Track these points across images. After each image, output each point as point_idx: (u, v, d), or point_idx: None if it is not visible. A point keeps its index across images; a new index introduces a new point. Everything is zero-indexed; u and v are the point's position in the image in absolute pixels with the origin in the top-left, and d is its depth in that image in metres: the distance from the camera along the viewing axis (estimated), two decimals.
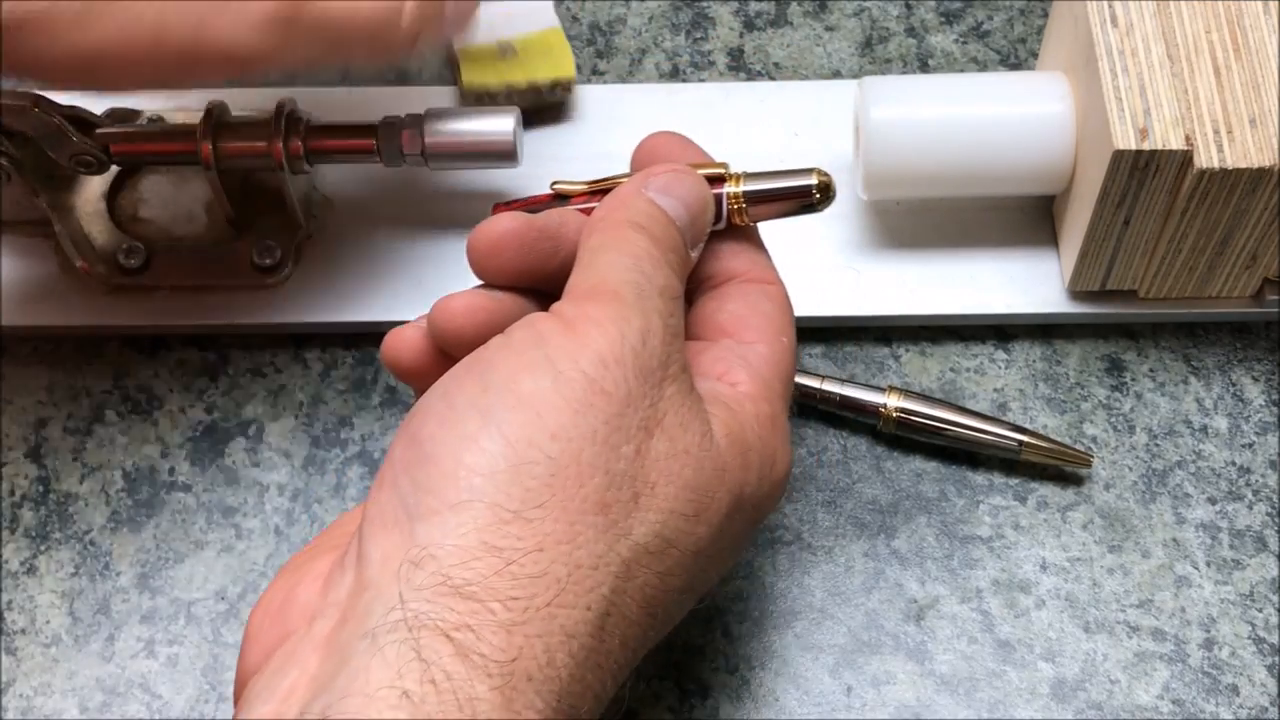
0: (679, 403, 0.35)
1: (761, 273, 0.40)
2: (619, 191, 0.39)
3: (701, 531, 0.35)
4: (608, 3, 0.57)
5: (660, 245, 0.37)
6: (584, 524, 0.33)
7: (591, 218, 0.38)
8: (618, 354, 0.34)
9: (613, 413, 0.33)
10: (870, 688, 0.45)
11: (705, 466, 0.35)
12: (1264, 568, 0.46)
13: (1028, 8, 0.57)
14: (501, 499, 0.32)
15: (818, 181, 0.40)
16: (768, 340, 0.39)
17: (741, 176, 0.40)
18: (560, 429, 0.33)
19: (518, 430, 0.33)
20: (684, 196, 0.38)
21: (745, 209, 0.40)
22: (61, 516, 0.48)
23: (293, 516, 0.48)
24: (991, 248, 0.51)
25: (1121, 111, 0.44)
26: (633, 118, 0.54)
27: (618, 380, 0.34)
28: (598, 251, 0.37)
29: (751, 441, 0.37)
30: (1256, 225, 0.45)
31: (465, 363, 0.35)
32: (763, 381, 0.38)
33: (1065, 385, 0.50)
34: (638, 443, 0.34)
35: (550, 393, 0.33)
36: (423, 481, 0.33)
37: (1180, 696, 0.45)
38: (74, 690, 0.45)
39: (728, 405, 0.37)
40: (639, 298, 0.35)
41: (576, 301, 0.35)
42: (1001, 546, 0.47)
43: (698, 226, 0.39)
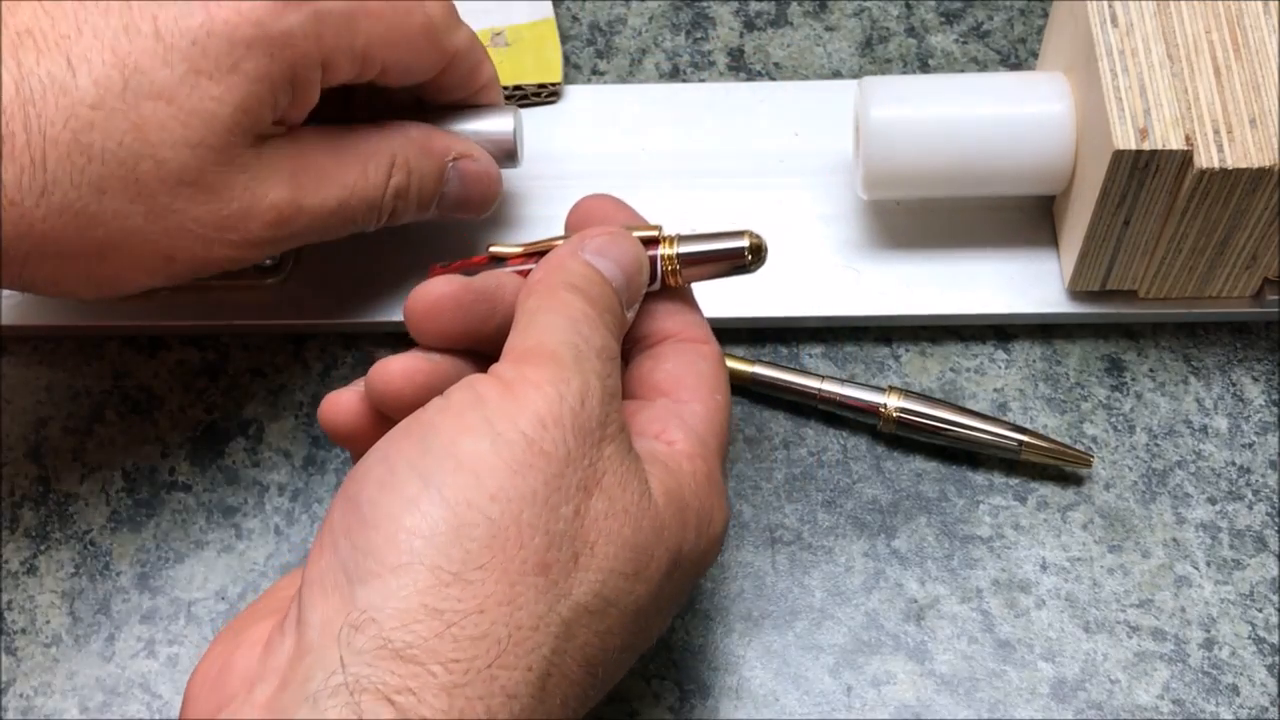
0: (617, 462, 0.35)
1: (695, 332, 0.41)
2: (555, 254, 0.39)
3: (641, 590, 0.35)
4: (608, 3, 0.57)
5: (596, 306, 0.37)
6: (524, 585, 0.33)
7: (528, 280, 0.39)
8: (556, 415, 0.34)
9: (552, 473, 0.34)
10: (870, 688, 0.45)
11: (644, 525, 0.35)
12: (1264, 568, 0.46)
13: (1028, 8, 0.57)
14: (442, 561, 0.32)
15: (749, 244, 0.40)
16: (702, 399, 0.39)
17: (675, 239, 0.41)
18: (500, 490, 0.33)
19: (457, 492, 0.33)
20: (619, 258, 0.39)
21: (679, 270, 0.40)
22: (61, 516, 0.48)
23: (293, 516, 0.48)
24: (991, 248, 0.51)
25: (1121, 111, 0.44)
26: (633, 118, 0.54)
27: (556, 441, 0.34)
28: (535, 313, 0.37)
29: (689, 499, 0.37)
30: (1256, 225, 0.45)
31: (404, 425, 0.35)
32: (699, 440, 0.39)
33: (1065, 385, 0.50)
34: (577, 503, 0.34)
35: (489, 454, 0.33)
36: (362, 545, 0.33)
37: (1180, 696, 0.45)
38: (74, 690, 0.45)
39: (665, 464, 0.37)
40: (577, 359, 0.35)
41: (515, 363, 0.35)
42: (1001, 546, 0.47)
43: (633, 288, 0.39)
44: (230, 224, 0.42)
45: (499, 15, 0.55)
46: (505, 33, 0.54)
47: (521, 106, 0.53)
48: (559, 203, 0.52)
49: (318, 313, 0.50)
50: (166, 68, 0.39)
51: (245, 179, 0.41)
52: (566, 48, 0.56)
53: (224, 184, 0.41)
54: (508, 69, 0.53)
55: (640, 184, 0.52)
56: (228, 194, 0.41)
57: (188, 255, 0.42)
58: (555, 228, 0.51)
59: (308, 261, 0.51)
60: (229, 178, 0.41)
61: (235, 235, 0.42)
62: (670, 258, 0.40)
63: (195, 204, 0.41)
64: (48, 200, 0.39)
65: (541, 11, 0.55)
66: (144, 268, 0.42)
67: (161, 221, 0.40)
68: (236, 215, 0.41)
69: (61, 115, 0.39)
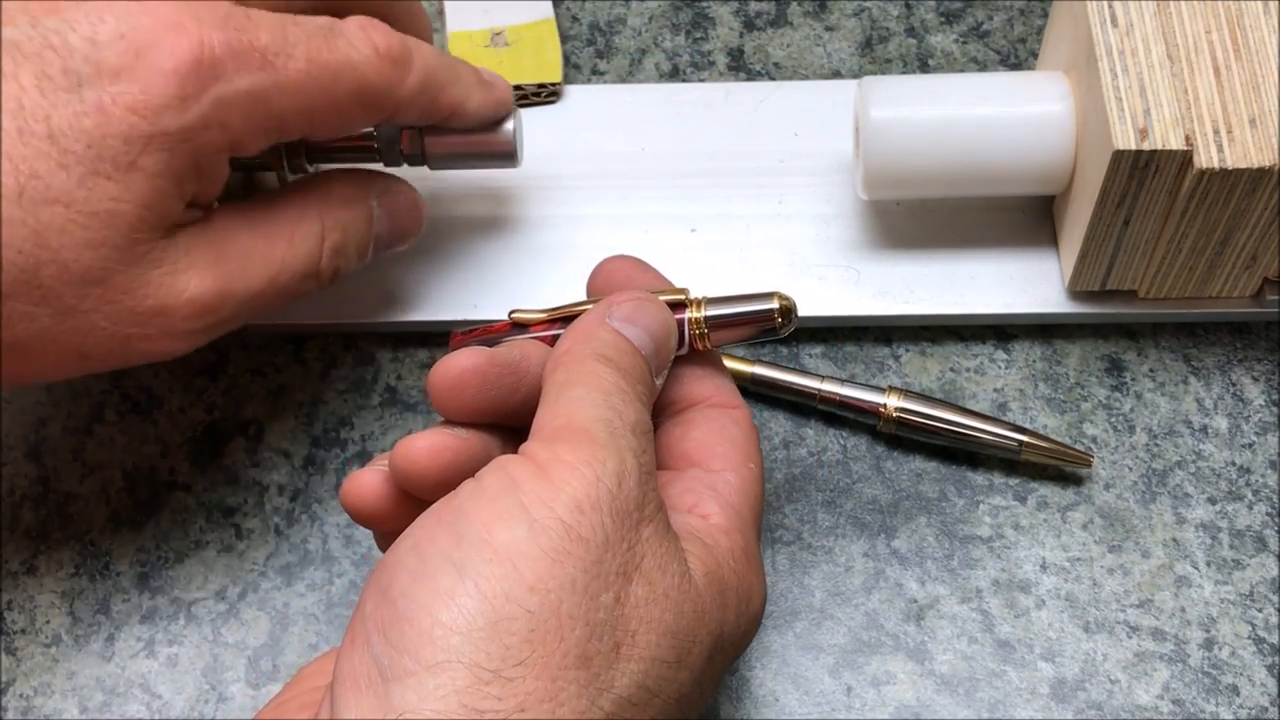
0: (656, 544, 0.34)
1: (726, 398, 0.40)
2: (582, 322, 0.38)
3: (684, 677, 0.34)
4: (608, 3, 0.57)
5: (628, 378, 0.36)
6: (566, 679, 0.31)
7: (555, 351, 0.37)
8: (593, 498, 0.33)
9: (591, 560, 0.32)
10: (870, 688, 0.45)
11: (685, 610, 0.34)
12: (1264, 568, 0.46)
13: (1028, 8, 0.57)
14: (480, 658, 0.31)
15: (779, 306, 0.39)
16: (735, 468, 0.38)
17: (703, 302, 0.39)
18: (538, 580, 0.32)
19: (494, 584, 0.32)
20: (649, 325, 0.38)
21: (707, 334, 0.39)
22: (61, 516, 0.48)
23: (293, 517, 0.48)
24: (991, 248, 0.51)
25: (1121, 111, 0.44)
26: (633, 118, 0.54)
27: (595, 526, 0.33)
28: (564, 387, 0.36)
29: (728, 578, 0.36)
30: (1256, 225, 0.45)
31: (435, 511, 0.34)
32: (734, 512, 0.37)
33: (1065, 385, 0.50)
34: (617, 589, 0.33)
35: (526, 542, 0.32)
36: (397, 640, 0.32)
37: (1180, 696, 0.45)
38: (74, 690, 0.45)
39: (702, 541, 0.36)
40: (611, 436, 0.34)
41: (547, 442, 0.34)
42: (1001, 546, 0.47)
43: (663, 355, 0.38)
44: (146, 320, 0.40)
45: (499, 15, 0.55)
46: (505, 33, 0.54)
47: (521, 106, 0.53)
48: (559, 203, 0.52)
49: (318, 313, 0.50)
50: (62, 171, 0.37)
51: (158, 274, 0.40)
52: (566, 48, 0.56)
53: (135, 282, 0.39)
54: (508, 69, 0.53)
55: (640, 184, 0.52)
56: (140, 291, 0.39)
57: (102, 352, 0.40)
58: (555, 228, 0.52)
59: None
60: (140, 275, 0.39)
61: (153, 330, 0.40)
62: (698, 320, 0.39)
63: (105, 303, 0.39)
64: None
65: (541, 11, 0.55)
66: (56, 365, 0.40)
67: (70, 321, 0.39)
68: (151, 311, 0.40)
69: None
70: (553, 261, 0.51)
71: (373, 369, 0.50)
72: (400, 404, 0.50)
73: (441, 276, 0.50)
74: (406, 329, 0.50)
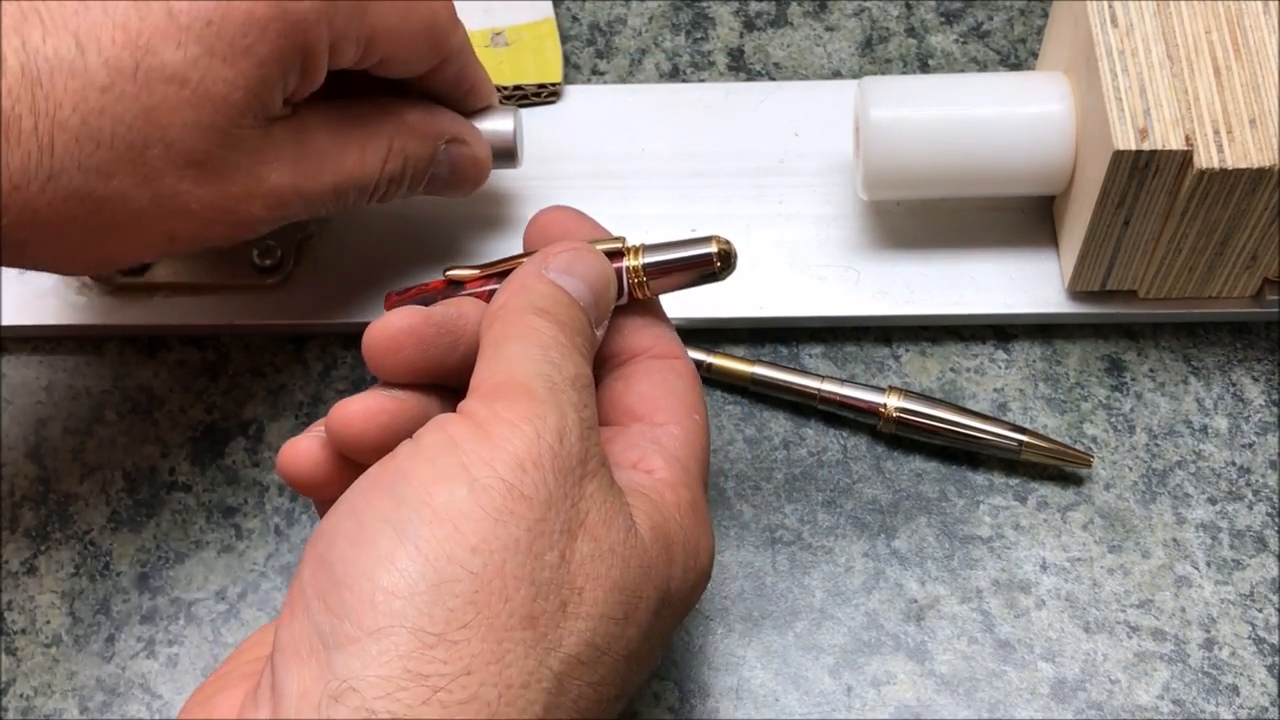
0: (600, 500, 0.33)
1: (667, 347, 0.39)
2: (518, 275, 0.37)
3: (632, 633, 0.34)
4: (608, 3, 0.57)
5: (567, 330, 0.36)
6: (512, 640, 0.31)
7: (491, 306, 0.37)
8: (535, 455, 0.32)
9: (534, 519, 0.32)
10: (870, 688, 0.45)
11: (631, 564, 0.34)
12: (1264, 568, 0.46)
13: (1028, 8, 0.57)
14: (424, 622, 0.30)
15: (718, 250, 0.39)
16: (679, 420, 0.38)
17: (640, 249, 0.39)
18: (481, 541, 0.31)
19: (436, 546, 0.31)
20: (586, 275, 0.37)
21: (646, 282, 0.39)
22: (61, 516, 0.48)
23: (293, 517, 0.48)
24: (991, 248, 0.51)
25: (1121, 111, 0.44)
26: (633, 118, 0.54)
27: (537, 483, 0.32)
28: (502, 342, 0.35)
29: (674, 533, 0.36)
30: (1256, 225, 0.45)
31: (373, 474, 0.33)
32: (680, 466, 0.37)
33: (1065, 385, 0.50)
34: (562, 547, 0.32)
35: (467, 503, 0.31)
36: (337, 607, 0.31)
37: (1180, 696, 0.45)
38: (74, 690, 0.45)
39: (647, 496, 0.36)
40: (551, 391, 0.34)
41: (486, 400, 0.34)
42: (1001, 546, 0.47)
43: (602, 305, 0.38)
44: (231, 205, 0.41)
45: (499, 15, 0.55)
46: (505, 33, 0.54)
47: (521, 106, 0.53)
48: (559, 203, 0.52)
49: (318, 313, 0.50)
50: (179, 49, 0.38)
51: (250, 162, 0.41)
52: (566, 48, 0.56)
53: (230, 166, 0.40)
54: (508, 69, 0.53)
55: (640, 184, 0.52)
56: (232, 176, 0.40)
57: (188, 234, 0.41)
58: None
59: (308, 261, 0.51)
60: (235, 160, 0.40)
61: (234, 216, 0.41)
62: (636, 269, 0.39)
63: (200, 186, 0.40)
64: (54, 185, 0.38)
65: (541, 11, 0.55)
66: (145, 246, 0.41)
67: (167, 204, 0.40)
68: (238, 197, 0.41)
69: (70, 99, 0.37)
70: None
71: None
72: None
73: None
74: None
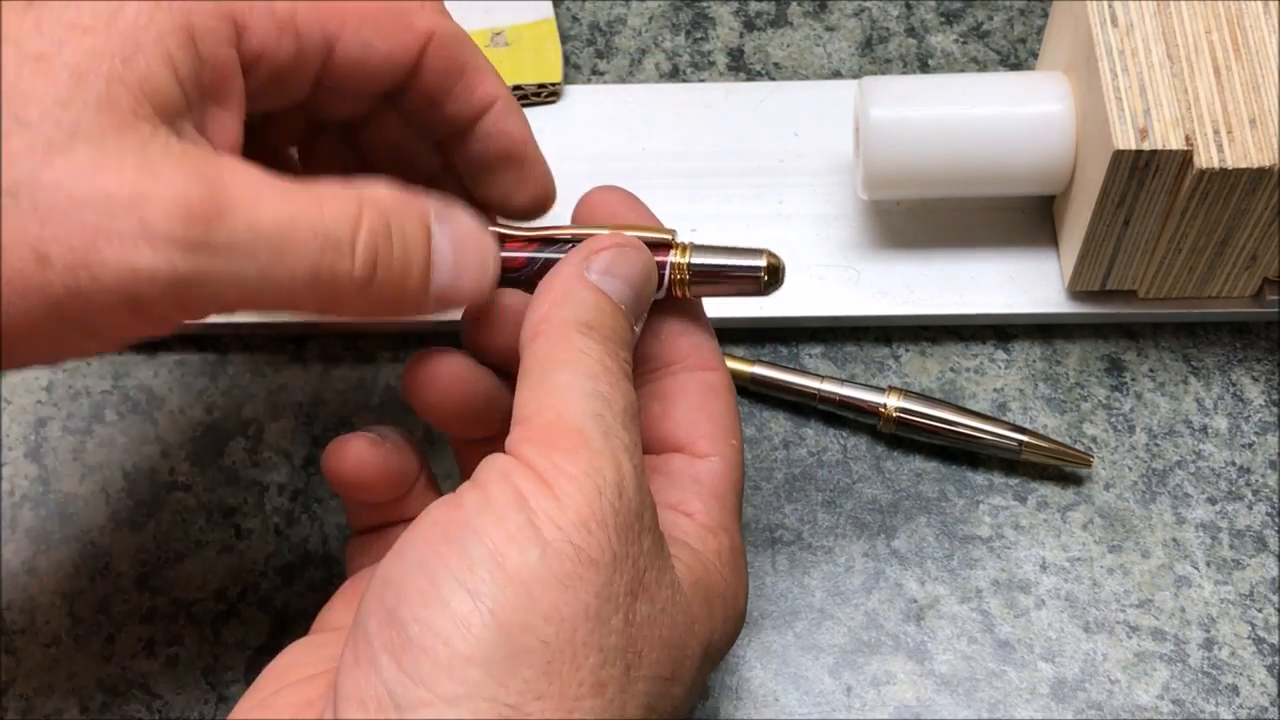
0: (654, 556, 0.33)
1: (705, 358, 0.38)
2: (559, 277, 0.36)
3: (677, 691, 0.33)
4: (608, 3, 0.57)
5: (611, 346, 0.35)
6: (581, 710, 0.31)
7: (533, 314, 0.35)
8: (599, 515, 0.32)
9: (601, 583, 0.31)
10: (870, 688, 0.45)
11: (679, 622, 0.33)
12: (1264, 568, 0.46)
13: (1028, 8, 0.57)
14: (500, 693, 0.30)
15: (767, 264, 0.37)
16: (719, 450, 0.37)
17: (690, 247, 0.37)
18: (553, 609, 0.31)
19: (511, 614, 0.31)
20: (629, 275, 0.36)
21: (689, 282, 0.37)
22: (61, 516, 0.48)
23: (293, 517, 0.48)
24: (991, 248, 0.51)
25: (1121, 111, 0.44)
26: (633, 118, 0.54)
27: (602, 545, 0.32)
28: (549, 367, 0.34)
29: (715, 584, 0.35)
30: (1256, 225, 0.45)
31: (440, 522, 0.32)
32: (720, 505, 0.37)
33: (1065, 385, 0.50)
34: (625, 610, 0.32)
35: (539, 567, 0.31)
36: (411, 669, 0.30)
37: (1180, 696, 0.45)
38: (74, 690, 0.45)
39: (689, 545, 0.35)
40: (606, 437, 0.33)
41: (542, 448, 0.33)
42: (1001, 546, 0.47)
43: (641, 302, 0.37)
44: (118, 210, 0.31)
45: (499, 15, 0.55)
46: (505, 33, 0.54)
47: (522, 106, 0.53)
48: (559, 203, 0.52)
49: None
50: (37, 32, 0.32)
51: (137, 158, 0.32)
52: (566, 48, 0.56)
53: (106, 152, 0.32)
54: (508, 69, 0.53)
55: (640, 184, 0.52)
56: (113, 166, 0.32)
57: (64, 251, 0.31)
58: None
59: None
60: (113, 148, 0.32)
61: (127, 226, 0.31)
62: (681, 266, 0.37)
63: (71, 174, 0.31)
64: None
65: (541, 11, 0.55)
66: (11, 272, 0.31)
67: (26, 198, 0.31)
68: (127, 197, 0.31)
69: None
70: None
71: (373, 369, 0.50)
72: (400, 404, 0.49)
73: None
74: (406, 329, 0.50)
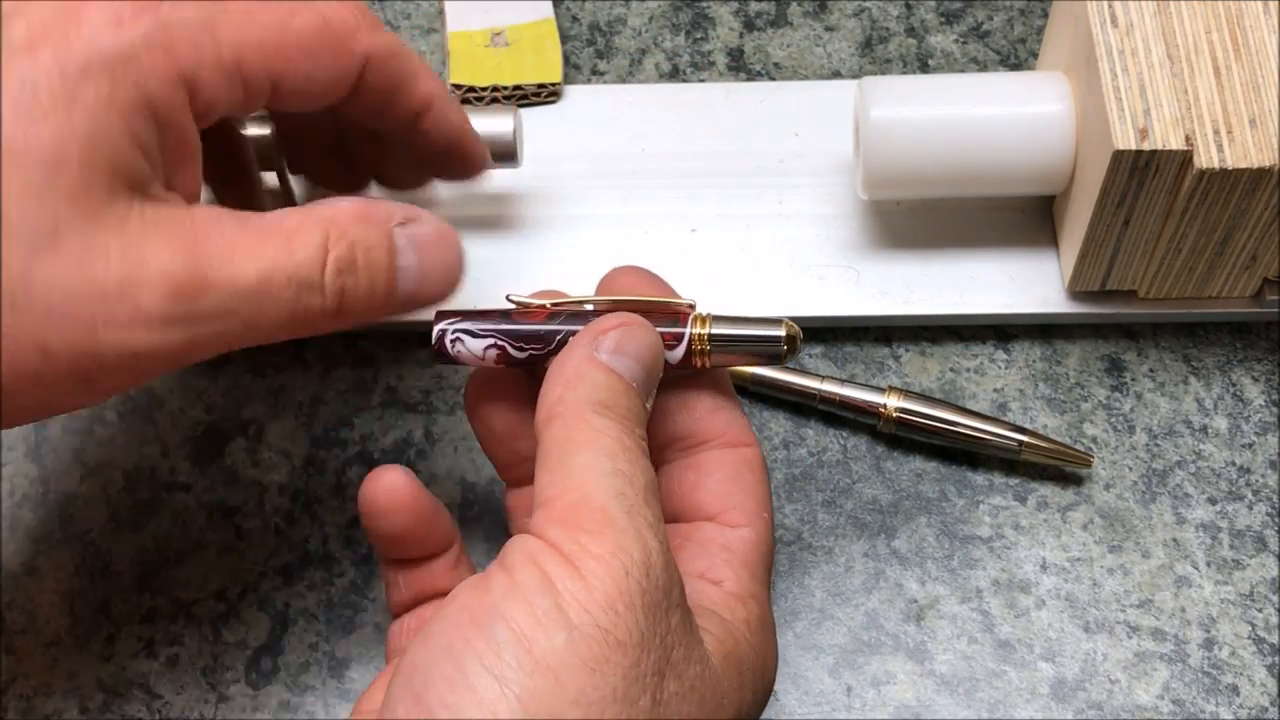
0: (682, 633, 0.33)
1: (738, 435, 0.39)
2: (570, 360, 0.36)
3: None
4: (608, 3, 0.57)
5: (627, 424, 0.35)
6: None
7: (546, 396, 0.36)
8: (626, 595, 0.32)
9: (628, 665, 0.32)
10: (870, 688, 0.45)
11: (708, 699, 0.33)
12: (1264, 568, 0.46)
13: (1028, 8, 0.57)
14: None
15: (786, 334, 0.38)
16: (751, 520, 0.38)
17: (710, 319, 0.38)
18: (580, 694, 0.31)
19: (538, 700, 0.31)
20: (638, 353, 0.37)
21: (709, 352, 0.38)
22: (61, 516, 0.48)
23: (293, 517, 0.48)
24: (991, 248, 0.51)
25: (1121, 111, 0.44)
26: (633, 118, 0.54)
27: (630, 626, 0.32)
28: (567, 450, 0.35)
29: (745, 655, 0.35)
30: (1256, 225, 0.45)
31: (468, 606, 0.33)
32: (749, 574, 0.37)
33: (1065, 385, 0.50)
34: (653, 690, 0.32)
35: (566, 651, 0.31)
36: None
37: (1180, 696, 0.45)
38: (74, 690, 0.45)
39: (718, 615, 0.36)
40: (630, 516, 0.33)
41: (568, 529, 0.33)
42: (1001, 546, 0.47)
43: (651, 379, 0.37)
44: (111, 297, 0.34)
45: (499, 15, 0.55)
46: (505, 33, 0.54)
47: (521, 106, 0.53)
48: (559, 203, 0.52)
49: None
50: None
51: (120, 241, 0.34)
52: (566, 48, 0.56)
53: (92, 245, 0.34)
54: (508, 69, 0.53)
55: (640, 184, 0.52)
56: (100, 257, 0.34)
57: (66, 343, 0.33)
58: (555, 228, 0.51)
59: None
60: (97, 236, 0.34)
61: (122, 312, 0.34)
62: (702, 338, 0.38)
63: (60, 271, 0.33)
64: None
65: (541, 11, 0.55)
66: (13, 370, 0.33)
67: (22, 298, 0.33)
68: (116, 286, 0.34)
69: None
70: (553, 262, 0.51)
71: (373, 369, 0.50)
72: (400, 404, 0.50)
73: None
74: (406, 329, 0.50)
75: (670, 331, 0.38)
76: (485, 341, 0.39)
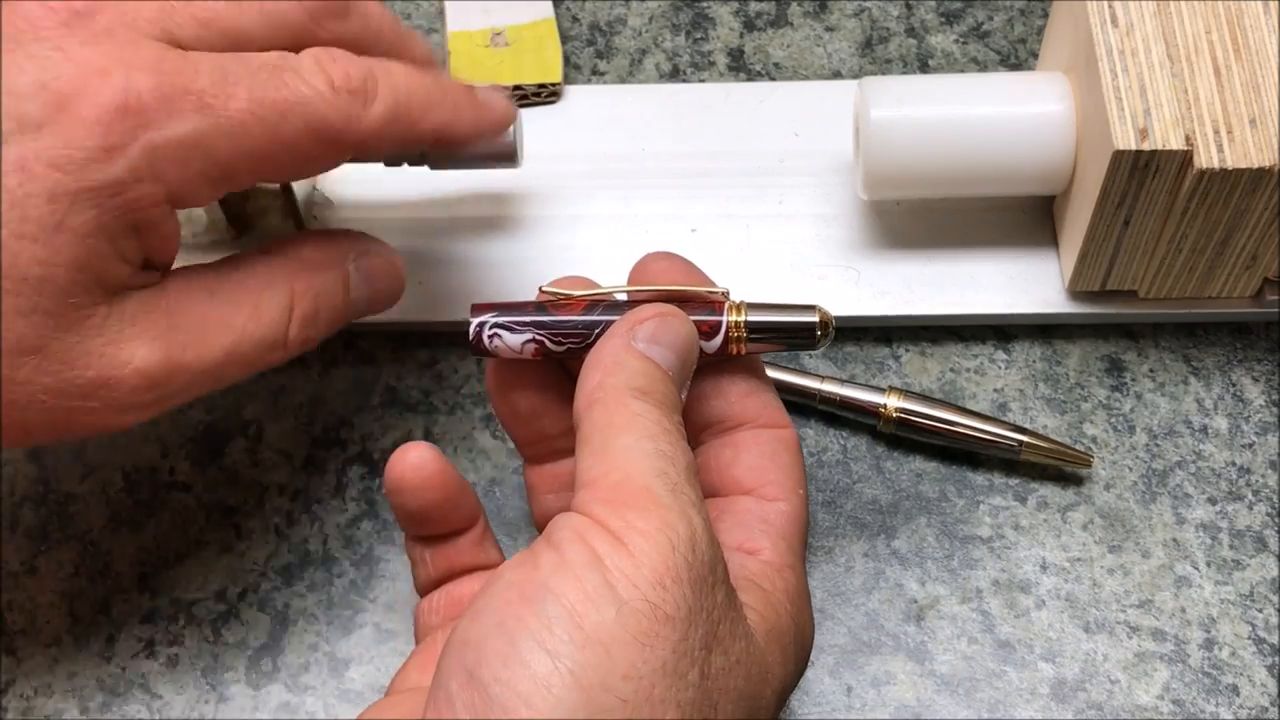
0: (727, 608, 0.34)
1: (774, 416, 0.39)
2: (608, 348, 0.37)
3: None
4: (608, 3, 0.57)
5: (665, 408, 0.36)
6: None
7: (585, 383, 0.37)
8: (674, 570, 0.32)
9: (677, 639, 0.32)
10: (870, 688, 0.45)
11: (753, 673, 0.34)
12: (1264, 568, 0.46)
13: (1028, 8, 0.57)
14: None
15: (819, 320, 0.39)
16: (787, 496, 0.38)
17: (745, 306, 0.39)
18: (631, 668, 0.31)
19: (589, 673, 0.31)
20: (674, 343, 0.37)
21: (745, 339, 0.39)
22: (61, 516, 0.48)
23: (293, 517, 0.48)
24: (991, 248, 0.51)
25: (1121, 111, 0.44)
26: (633, 118, 0.54)
27: (678, 600, 0.32)
28: (609, 433, 0.35)
29: (786, 627, 0.36)
30: (1256, 225, 0.45)
31: (517, 583, 0.33)
32: (787, 546, 0.38)
33: (1065, 385, 0.50)
34: (701, 664, 0.32)
35: (616, 626, 0.32)
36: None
37: (1180, 696, 0.45)
38: (74, 690, 0.45)
39: (759, 586, 0.36)
40: (674, 494, 0.34)
41: (614, 507, 0.34)
42: (1001, 546, 0.47)
43: (686, 369, 0.38)
44: (88, 392, 0.37)
45: (499, 15, 0.55)
46: (505, 33, 0.54)
47: (521, 106, 0.53)
48: (559, 203, 0.52)
49: None
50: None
51: (100, 343, 0.37)
52: (566, 48, 0.56)
53: (74, 351, 0.37)
54: (508, 69, 0.53)
55: (640, 184, 0.52)
56: (80, 361, 0.37)
57: (45, 425, 0.38)
58: (555, 228, 0.51)
59: None
60: (79, 344, 0.37)
61: (97, 402, 0.37)
62: (738, 325, 0.38)
63: (43, 374, 0.37)
64: None
65: (541, 11, 0.55)
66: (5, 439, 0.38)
67: (8, 394, 0.37)
68: (94, 384, 0.37)
69: None
70: (553, 262, 0.51)
71: (373, 369, 0.50)
72: (400, 404, 0.50)
73: (441, 277, 0.50)
74: (406, 329, 0.50)
75: (707, 320, 0.38)
76: (523, 336, 0.39)
